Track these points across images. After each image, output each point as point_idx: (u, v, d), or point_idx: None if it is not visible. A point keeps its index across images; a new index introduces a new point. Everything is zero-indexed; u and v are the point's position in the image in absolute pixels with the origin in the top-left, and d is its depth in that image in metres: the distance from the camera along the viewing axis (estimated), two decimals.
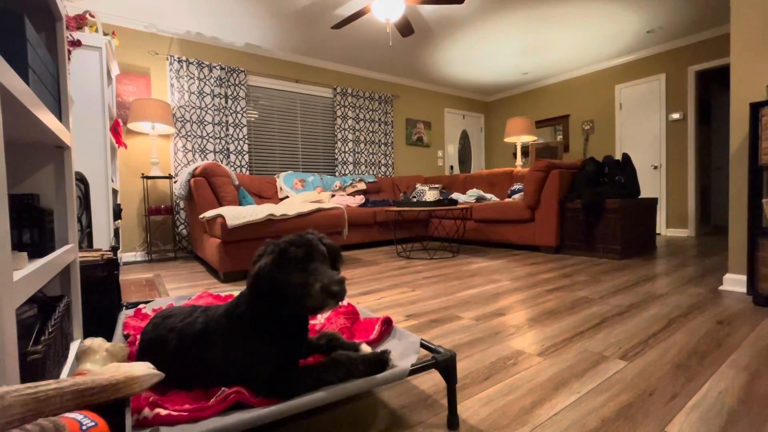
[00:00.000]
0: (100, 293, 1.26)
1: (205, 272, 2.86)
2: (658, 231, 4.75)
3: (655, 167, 4.72)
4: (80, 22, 2.57)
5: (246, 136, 4.12)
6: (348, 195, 4.41)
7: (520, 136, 4.82)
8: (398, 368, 0.78)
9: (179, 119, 3.75)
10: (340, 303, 0.76)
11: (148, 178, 3.46)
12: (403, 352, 0.89)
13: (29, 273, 0.61)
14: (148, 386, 0.62)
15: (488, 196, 4.18)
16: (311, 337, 0.91)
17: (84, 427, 0.47)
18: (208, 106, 3.89)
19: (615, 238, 3.00)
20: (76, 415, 0.49)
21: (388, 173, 5.38)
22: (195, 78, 3.82)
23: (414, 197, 3.81)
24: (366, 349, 0.87)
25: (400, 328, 1.02)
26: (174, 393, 0.76)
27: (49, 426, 0.44)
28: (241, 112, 4.09)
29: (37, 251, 0.83)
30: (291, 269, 0.72)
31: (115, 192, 3.10)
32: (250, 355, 0.74)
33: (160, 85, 3.75)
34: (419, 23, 3.82)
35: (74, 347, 1.00)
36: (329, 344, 0.88)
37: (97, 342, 0.81)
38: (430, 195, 3.51)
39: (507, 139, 4.92)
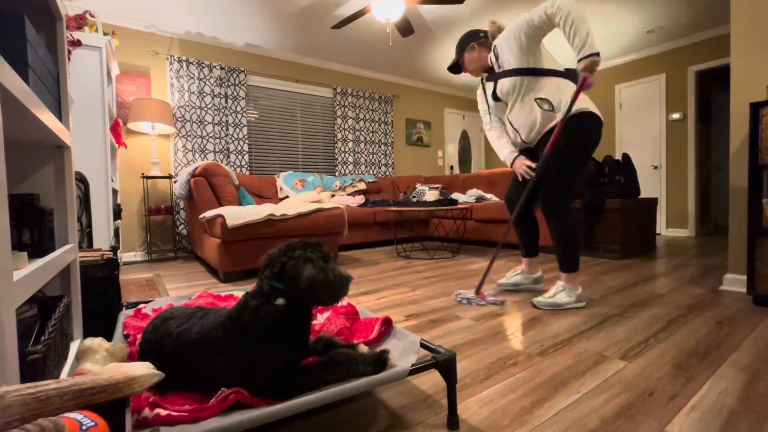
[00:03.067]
0: (100, 293, 1.26)
1: (205, 272, 2.86)
2: (658, 231, 4.75)
3: (655, 167, 4.72)
4: (80, 22, 2.57)
5: (246, 136, 4.12)
6: (348, 195, 4.41)
7: None
8: (398, 368, 0.78)
9: (179, 119, 3.75)
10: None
11: (148, 178, 3.46)
12: (403, 352, 0.89)
13: (29, 273, 0.61)
14: (148, 386, 0.62)
15: (488, 196, 4.18)
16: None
17: (84, 427, 0.47)
18: (208, 106, 3.89)
19: (615, 238, 3.00)
20: (76, 415, 0.49)
21: (388, 173, 5.38)
22: (195, 78, 3.82)
23: (414, 197, 3.81)
24: (363, 349, 0.87)
25: (400, 328, 1.02)
26: (174, 393, 0.76)
27: (49, 426, 0.44)
28: (241, 112, 4.09)
29: (37, 251, 0.83)
30: (332, 269, 0.82)
31: (115, 192, 3.10)
32: (255, 361, 0.74)
33: (160, 85, 3.75)
34: (419, 23, 3.82)
35: (74, 347, 1.00)
36: (326, 348, 0.88)
37: (97, 342, 0.81)
38: (430, 195, 3.51)
39: None
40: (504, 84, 1.79)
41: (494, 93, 1.88)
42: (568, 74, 1.73)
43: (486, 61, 1.90)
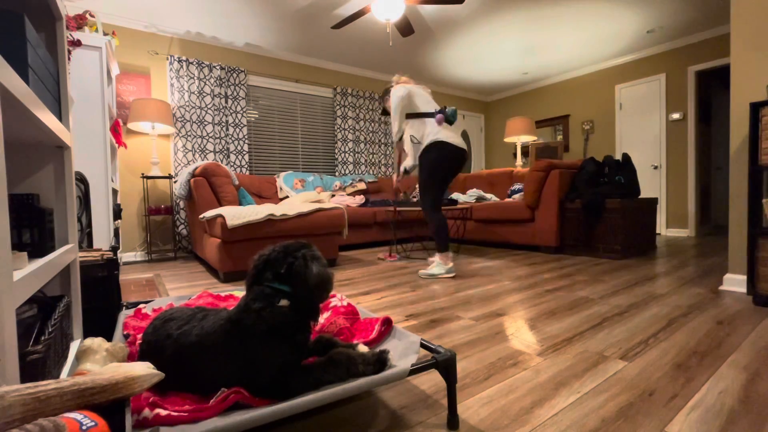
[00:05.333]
0: (100, 293, 1.26)
1: (205, 272, 2.86)
2: (658, 231, 4.75)
3: (655, 167, 4.72)
4: (80, 22, 2.57)
5: (246, 136, 4.12)
6: (348, 195, 4.41)
7: (520, 136, 4.82)
8: (398, 368, 0.78)
9: (179, 119, 3.75)
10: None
11: (148, 178, 3.46)
12: (403, 352, 0.89)
13: (29, 273, 0.61)
14: (148, 386, 0.62)
15: (488, 196, 4.18)
16: None
17: (84, 427, 0.47)
18: (208, 106, 3.89)
19: (615, 238, 3.00)
20: (76, 415, 0.49)
21: (388, 173, 5.38)
22: (195, 78, 3.82)
23: (414, 197, 3.81)
24: (363, 349, 0.87)
25: (400, 328, 1.02)
26: (174, 393, 0.76)
27: (49, 426, 0.44)
28: (241, 112, 4.09)
29: (37, 251, 0.83)
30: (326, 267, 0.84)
31: (115, 192, 3.10)
32: (257, 363, 0.74)
33: (160, 85, 3.75)
34: (419, 23, 3.82)
35: (74, 347, 1.00)
36: (326, 348, 0.88)
37: (97, 342, 0.81)
38: None
39: (507, 139, 4.92)
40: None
41: None
42: (429, 114, 2.43)
43: None
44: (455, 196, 4.26)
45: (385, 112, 2.79)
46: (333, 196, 4.28)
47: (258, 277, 0.82)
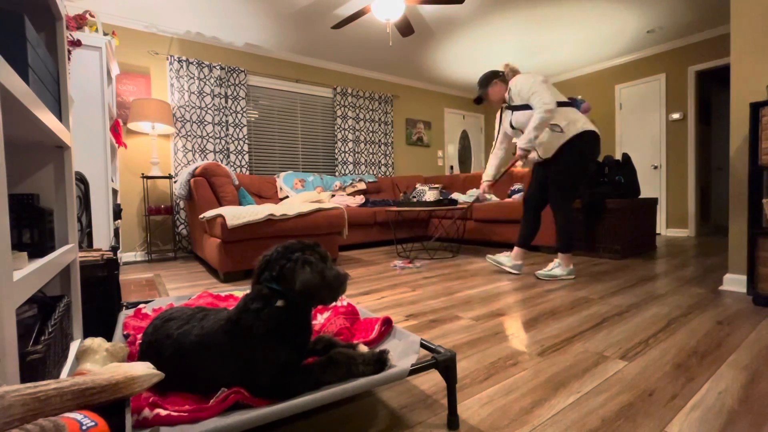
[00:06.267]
0: (100, 293, 1.26)
1: (205, 272, 2.86)
2: (658, 231, 4.75)
3: (655, 167, 4.72)
4: (80, 22, 2.57)
5: (246, 136, 4.12)
6: (348, 195, 4.41)
7: None
8: (398, 368, 0.78)
9: (179, 119, 3.75)
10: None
11: (148, 178, 3.46)
12: (403, 352, 0.89)
13: (29, 273, 0.61)
14: (148, 386, 0.62)
15: (488, 196, 4.18)
16: None
17: (84, 427, 0.47)
18: (208, 106, 3.89)
19: (615, 238, 2.99)
20: (76, 415, 0.49)
21: (388, 173, 5.38)
22: (195, 78, 3.82)
23: (414, 197, 3.81)
24: (363, 349, 0.87)
25: (400, 328, 1.02)
26: (174, 393, 0.76)
27: (49, 426, 0.44)
28: (241, 112, 4.09)
29: (37, 251, 0.83)
30: (330, 268, 0.82)
31: (115, 192, 3.10)
32: (257, 363, 0.74)
33: (160, 85, 3.75)
34: (419, 23, 3.82)
35: (74, 347, 1.00)
36: (326, 349, 0.88)
37: (97, 342, 0.81)
38: (430, 195, 3.51)
39: None
40: (518, 116, 2.33)
41: (511, 122, 2.41)
42: (570, 103, 2.30)
43: (504, 94, 2.43)
44: (455, 196, 4.26)
45: (479, 100, 2.54)
46: (333, 196, 4.28)
47: (259, 276, 0.82)
